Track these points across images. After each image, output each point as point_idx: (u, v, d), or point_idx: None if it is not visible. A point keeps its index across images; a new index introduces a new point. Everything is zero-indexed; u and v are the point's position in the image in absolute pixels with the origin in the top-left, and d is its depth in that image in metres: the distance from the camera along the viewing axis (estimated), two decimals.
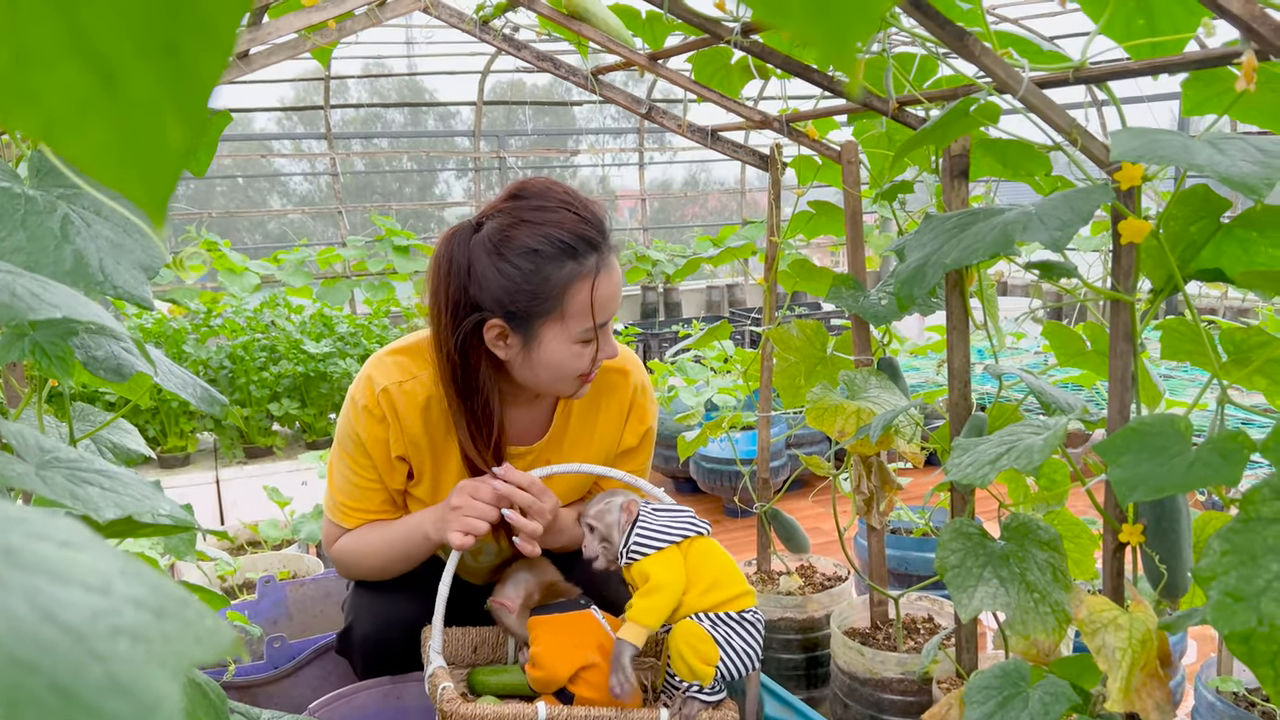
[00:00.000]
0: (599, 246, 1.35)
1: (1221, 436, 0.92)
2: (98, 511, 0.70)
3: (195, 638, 0.29)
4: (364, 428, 1.45)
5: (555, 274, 1.32)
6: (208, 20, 0.21)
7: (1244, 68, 0.84)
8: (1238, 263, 1.10)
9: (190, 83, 0.22)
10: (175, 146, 0.23)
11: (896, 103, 1.34)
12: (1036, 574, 1.21)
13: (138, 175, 0.24)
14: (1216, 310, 5.25)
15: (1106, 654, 1.03)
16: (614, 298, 1.38)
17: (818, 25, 0.21)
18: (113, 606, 0.28)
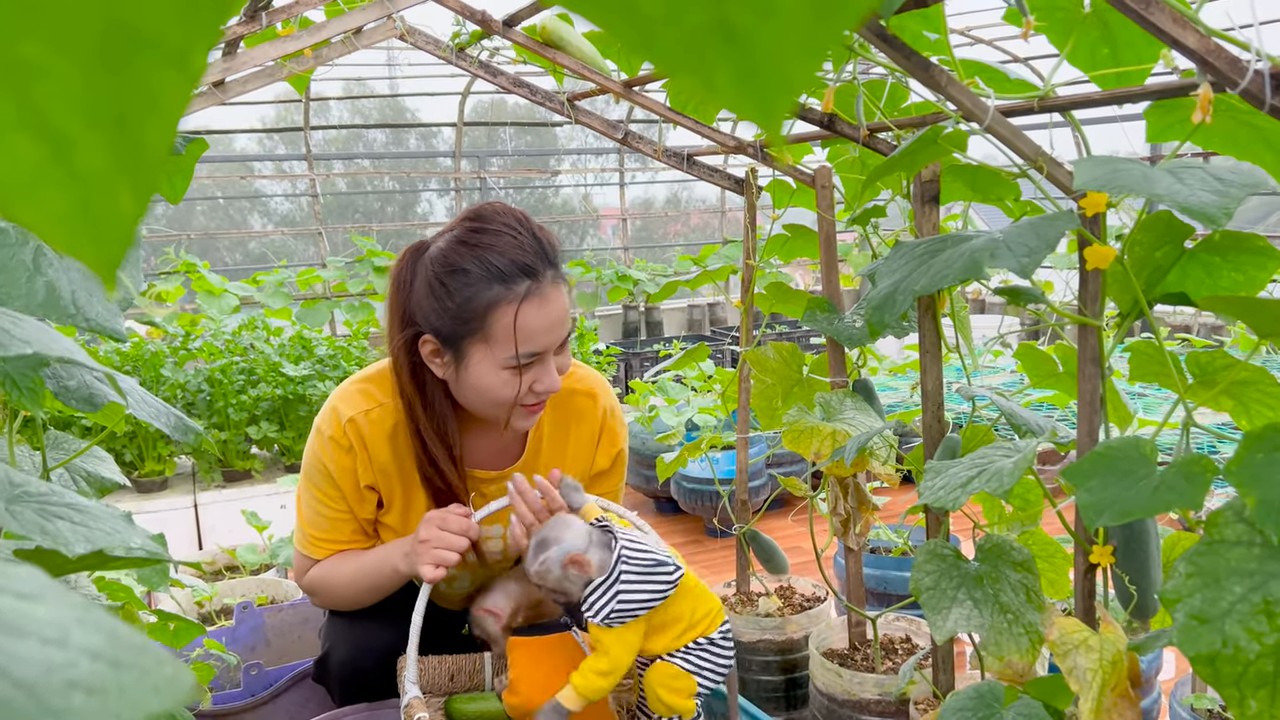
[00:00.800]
0: (535, 274, 1.32)
1: (1185, 460, 0.93)
2: (68, 546, 0.70)
3: (153, 687, 0.29)
4: (331, 459, 1.45)
5: (479, 296, 1.30)
6: (154, 96, 0.22)
7: (1200, 100, 0.86)
8: (1202, 286, 1.12)
9: (140, 153, 0.23)
10: (126, 213, 0.24)
11: (867, 129, 1.36)
12: (1010, 595, 1.22)
13: (90, 241, 0.24)
14: (1191, 327, 5.31)
15: (1078, 675, 1.04)
16: (546, 329, 1.33)
17: (744, 99, 0.22)
18: (68, 659, 0.28)
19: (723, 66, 0.21)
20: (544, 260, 1.33)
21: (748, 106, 0.22)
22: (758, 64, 0.21)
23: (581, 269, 6.64)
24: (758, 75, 0.21)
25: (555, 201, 14.15)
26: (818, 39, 0.21)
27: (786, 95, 0.21)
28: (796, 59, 0.21)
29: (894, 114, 1.40)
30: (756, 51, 0.21)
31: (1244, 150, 1.10)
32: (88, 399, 1.07)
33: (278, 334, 3.80)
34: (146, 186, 0.23)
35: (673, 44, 0.21)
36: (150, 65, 0.22)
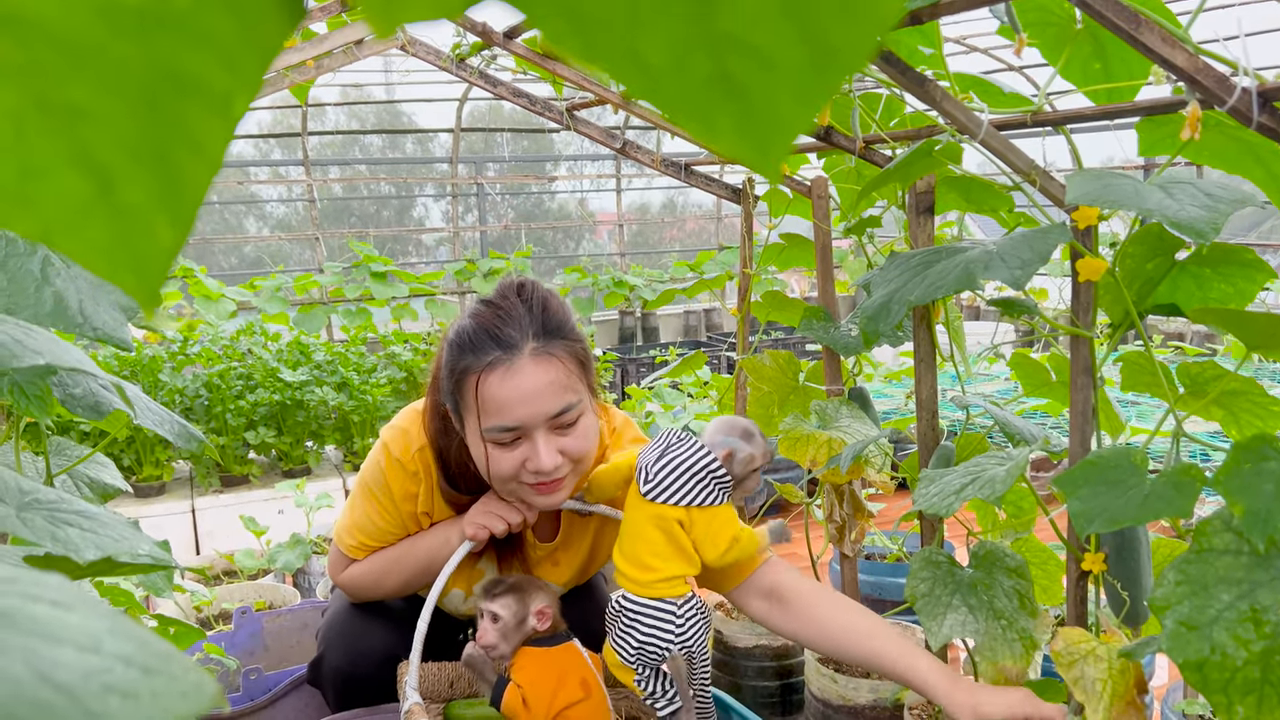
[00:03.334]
0: (508, 345, 1.28)
1: (1175, 470, 0.95)
2: (78, 553, 0.72)
3: (181, 693, 0.31)
4: (396, 481, 1.46)
5: (457, 362, 1.31)
6: (197, 138, 0.23)
7: (1188, 118, 0.88)
8: (1192, 298, 1.14)
9: (180, 189, 0.24)
10: (166, 245, 0.25)
11: (863, 141, 1.38)
12: (1004, 601, 1.24)
13: (131, 272, 0.26)
14: (1185, 335, 5.34)
15: (1085, 685, 1.04)
16: (517, 401, 1.27)
17: (743, 145, 0.23)
18: (104, 665, 0.30)
19: (724, 114, 0.23)
20: (530, 332, 1.29)
21: (746, 152, 0.23)
22: (757, 113, 0.23)
23: (578, 274, 6.66)
24: (756, 123, 0.23)
25: (551, 206, 14.16)
26: (814, 91, 0.23)
27: (783, 142, 0.23)
28: (793, 109, 0.22)
29: (889, 126, 1.42)
30: (756, 102, 0.23)
31: (1233, 165, 1.12)
32: (93, 406, 1.08)
33: (275, 339, 3.82)
34: (185, 220, 0.25)
35: (677, 93, 0.23)
36: (194, 110, 0.23)
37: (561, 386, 1.30)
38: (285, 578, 2.57)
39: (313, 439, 3.58)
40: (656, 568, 1.26)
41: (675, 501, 1.26)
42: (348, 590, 1.57)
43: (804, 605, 1.37)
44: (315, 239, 6.49)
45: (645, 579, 1.26)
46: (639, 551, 1.27)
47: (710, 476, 1.26)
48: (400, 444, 1.46)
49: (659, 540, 1.26)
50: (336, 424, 3.55)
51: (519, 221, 9.57)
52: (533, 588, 1.37)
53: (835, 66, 0.22)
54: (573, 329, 1.35)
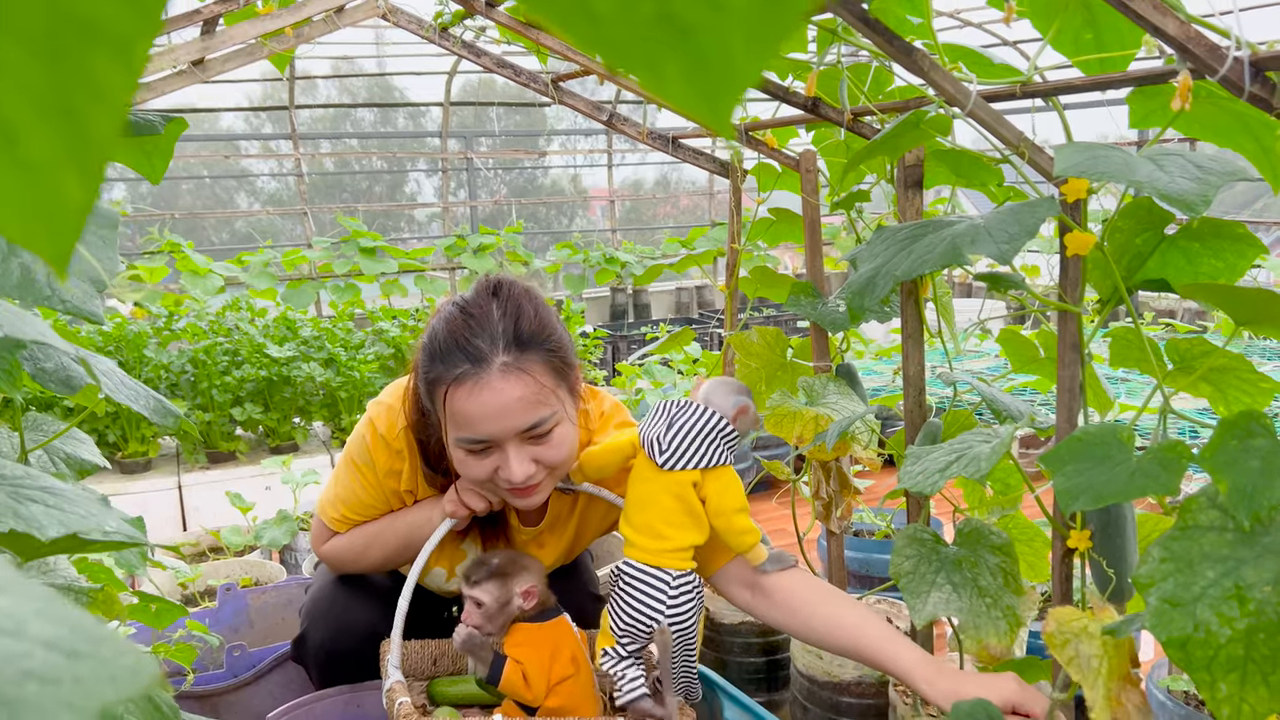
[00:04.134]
0: (478, 358, 1.24)
1: (1161, 446, 0.94)
2: (41, 530, 0.70)
3: (110, 677, 0.29)
4: (380, 456, 1.45)
5: (429, 371, 1.29)
6: (101, 87, 0.22)
7: (1179, 87, 0.86)
8: (1182, 274, 1.13)
9: (87, 143, 0.23)
10: (76, 203, 0.24)
11: (851, 114, 1.36)
12: (988, 579, 1.23)
13: (41, 231, 0.24)
14: (1176, 312, 5.34)
15: (1081, 663, 1.03)
16: (485, 417, 1.25)
17: (692, 96, 0.21)
18: (24, 649, 0.28)
19: (671, 61, 0.21)
20: (501, 344, 1.26)
21: (695, 103, 0.22)
22: (706, 59, 0.21)
23: (569, 251, 6.63)
24: (706, 71, 0.21)
25: (544, 182, 14.09)
26: (767, 34, 0.21)
27: (734, 91, 0.21)
28: (745, 54, 0.21)
29: (878, 98, 1.40)
30: (705, 46, 0.21)
31: (1224, 137, 1.10)
32: (65, 381, 1.06)
33: (262, 315, 3.79)
34: (94, 176, 0.23)
35: (622, 40, 0.21)
36: (97, 57, 0.21)
37: (532, 402, 1.26)
38: (272, 554, 2.56)
39: (300, 415, 3.57)
40: (670, 536, 1.28)
41: (693, 466, 1.28)
42: (329, 562, 1.56)
43: (787, 595, 1.37)
44: (304, 214, 6.45)
45: (657, 547, 1.28)
46: (652, 520, 1.29)
47: (720, 437, 1.30)
48: (385, 421, 1.45)
49: (675, 509, 1.29)
50: (324, 400, 3.53)
51: (511, 197, 9.52)
52: (516, 568, 1.36)
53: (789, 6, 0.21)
54: (549, 335, 1.30)
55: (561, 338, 1.32)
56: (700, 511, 1.30)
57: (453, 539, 1.49)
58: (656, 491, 1.30)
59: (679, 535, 1.29)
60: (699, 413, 1.30)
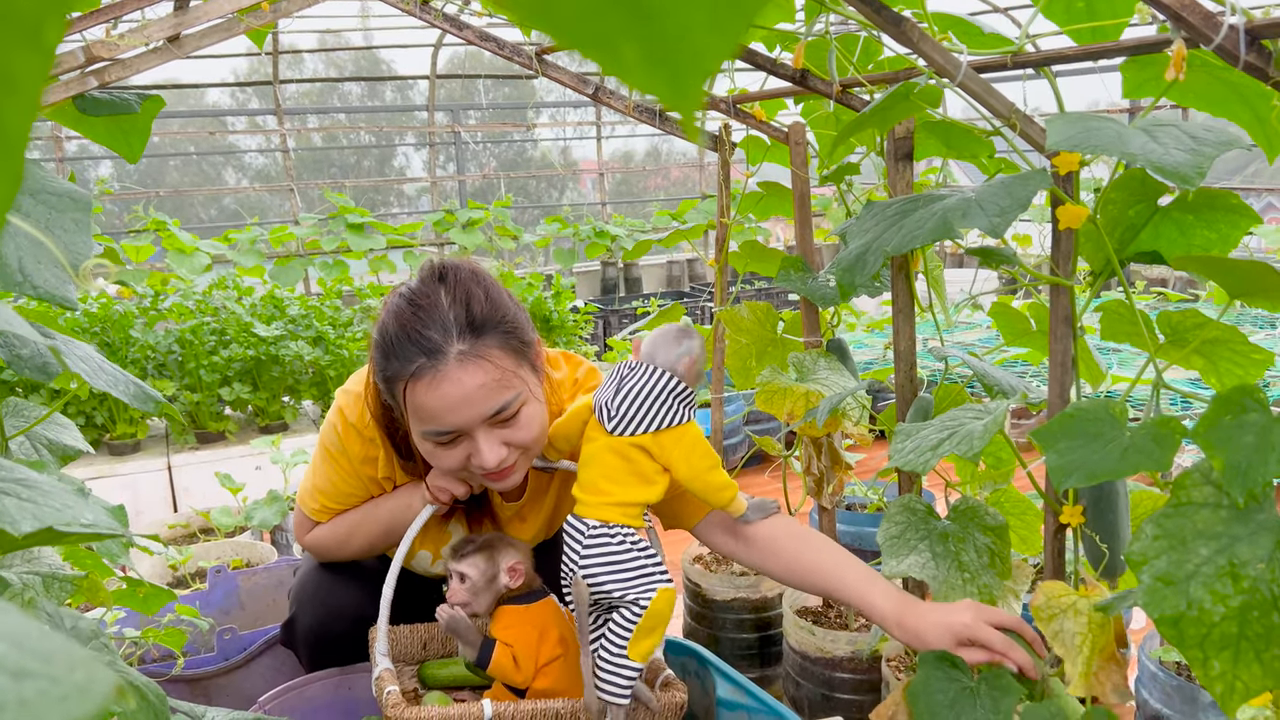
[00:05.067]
0: (434, 352, 1.22)
1: (1154, 422, 0.93)
2: (14, 525, 0.69)
3: (60, 697, 0.28)
4: (353, 445, 1.43)
5: (386, 368, 1.26)
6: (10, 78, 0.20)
7: (1174, 56, 0.84)
8: (1175, 245, 1.11)
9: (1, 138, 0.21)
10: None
11: (840, 85, 1.33)
12: (971, 555, 1.22)
13: None
14: (1168, 281, 5.33)
15: (1065, 639, 1.03)
16: (447, 409, 1.23)
17: (654, 78, 0.20)
18: None
19: (630, 43, 0.19)
20: (455, 333, 1.23)
21: (658, 86, 0.20)
22: (667, 42, 0.19)
23: (559, 225, 6.59)
24: (668, 54, 0.19)
25: (534, 155, 13.99)
26: (734, 12, 0.19)
27: (698, 75, 0.19)
28: (709, 36, 0.19)
29: (868, 69, 1.37)
30: (667, 26, 0.19)
31: (1219, 107, 1.08)
32: (41, 367, 1.04)
33: (249, 293, 3.75)
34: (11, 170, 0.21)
35: (574, 19, 0.19)
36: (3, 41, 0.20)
37: (494, 386, 1.24)
38: (262, 535, 2.55)
39: (289, 394, 3.54)
40: (608, 491, 1.24)
41: (645, 429, 1.24)
42: (313, 552, 1.55)
43: (769, 541, 1.37)
44: (291, 190, 6.39)
45: (596, 500, 1.24)
46: (593, 477, 1.25)
47: (671, 396, 1.25)
48: (355, 409, 1.43)
49: (615, 465, 1.25)
50: (313, 379, 3.51)
51: (500, 171, 9.45)
52: (502, 545, 1.35)
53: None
54: (503, 317, 1.27)
55: (516, 316, 1.30)
56: (649, 472, 1.25)
57: (437, 522, 1.48)
58: (600, 449, 1.26)
59: (619, 491, 1.24)
60: (647, 374, 1.25)
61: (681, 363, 1.27)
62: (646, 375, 1.25)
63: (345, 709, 1.52)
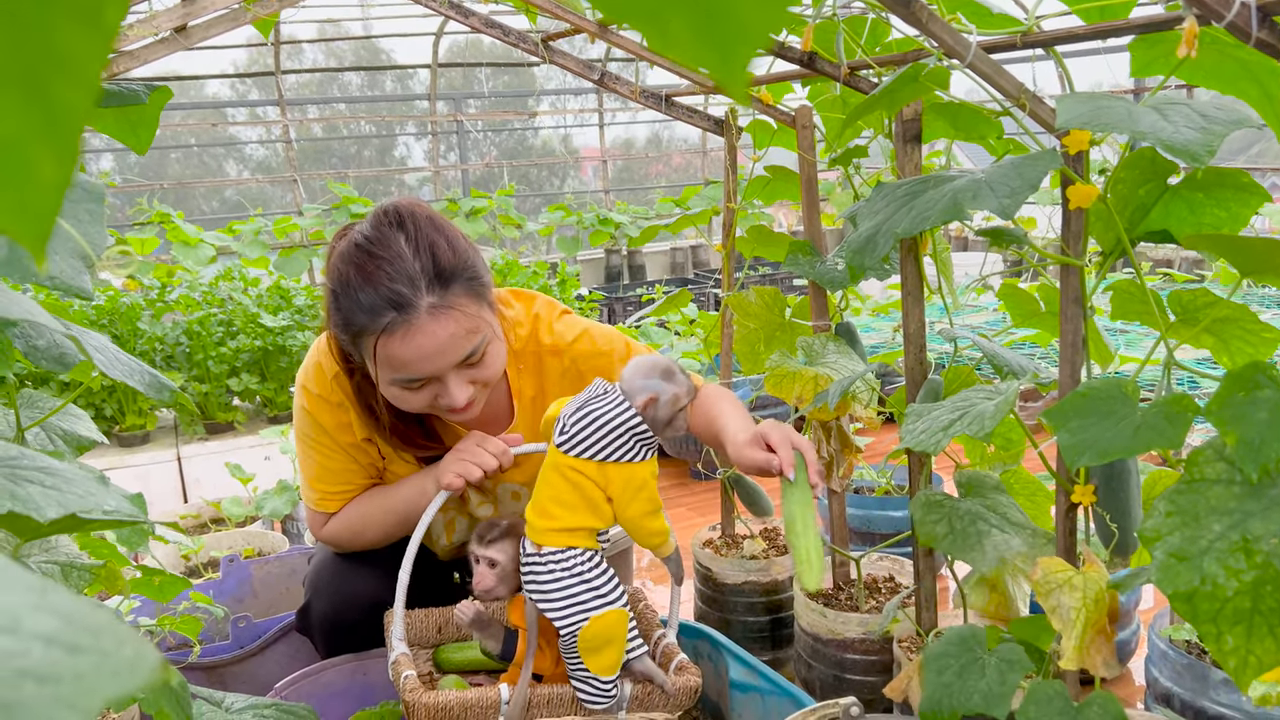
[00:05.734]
0: (405, 305, 1.23)
1: (1167, 400, 0.93)
2: (39, 511, 0.69)
3: (112, 671, 0.29)
4: (324, 417, 1.44)
5: (352, 320, 1.26)
6: (67, 56, 0.20)
7: (1185, 34, 0.84)
8: (1185, 224, 1.11)
9: (58, 118, 0.21)
10: (50, 182, 0.22)
11: (848, 68, 1.33)
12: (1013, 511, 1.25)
13: (13, 213, 0.23)
14: (1173, 261, 5.32)
15: (1061, 614, 1.05)
16: (419, 359, 1.25)
17: (703, 51, 0.20)
18: (20, 647, 0.27)
19: (678, 16, 0.20)
20: (426, 286, 1.24)
21: (707, 59, 0.20)
22: (717, 13, 0.19)
23: (563, 213, 6.58)
24: (717, 26, 0.20)
25: (535, 143, 13.96)
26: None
27: (749, 46, 0.20)
28: (759, 7, 0.19)
29: (875, 52, 1.37)
30: (715, 1, 0.20)
31: (1229, 85, 1.08)
32: (58, 358, 1.05)
33: (255, 284, 3.76)
34: (68, 153, 0.22)
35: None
36: (63, 23, 0.20)
37: (464, 334, 1.27)
38: (273, 524, 2.56)
39: None
40: (556, 515, 1.22)
41: (590, 456, 1.21)
42: (331, 544, 1.56)
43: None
44: (293, 181, 6.39)
45: (542, 525, 1.22)
46: (542, 498, 1.24)
47: (630, 433, 1.21)
48: (315, 379, 1.44)
49: (565, 489, 1.22)
50: None
51: (502, 159, 9.44)
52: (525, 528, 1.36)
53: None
54: (466, 261, 1.28)
55: (476, 261, 1.31)
56: (598, 501, 1.22)
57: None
58: (549, 468, 1.24)
59: (567, 516, 1.21)
60: (612, 402, 1.22)
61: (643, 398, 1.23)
62: (613, 404, 1.22)
63: (361, 694, 1.53)
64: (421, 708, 1.18)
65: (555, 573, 1.21)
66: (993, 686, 1.02)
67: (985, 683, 1.03)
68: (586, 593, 1.21)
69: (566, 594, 1.20)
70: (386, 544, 1.53)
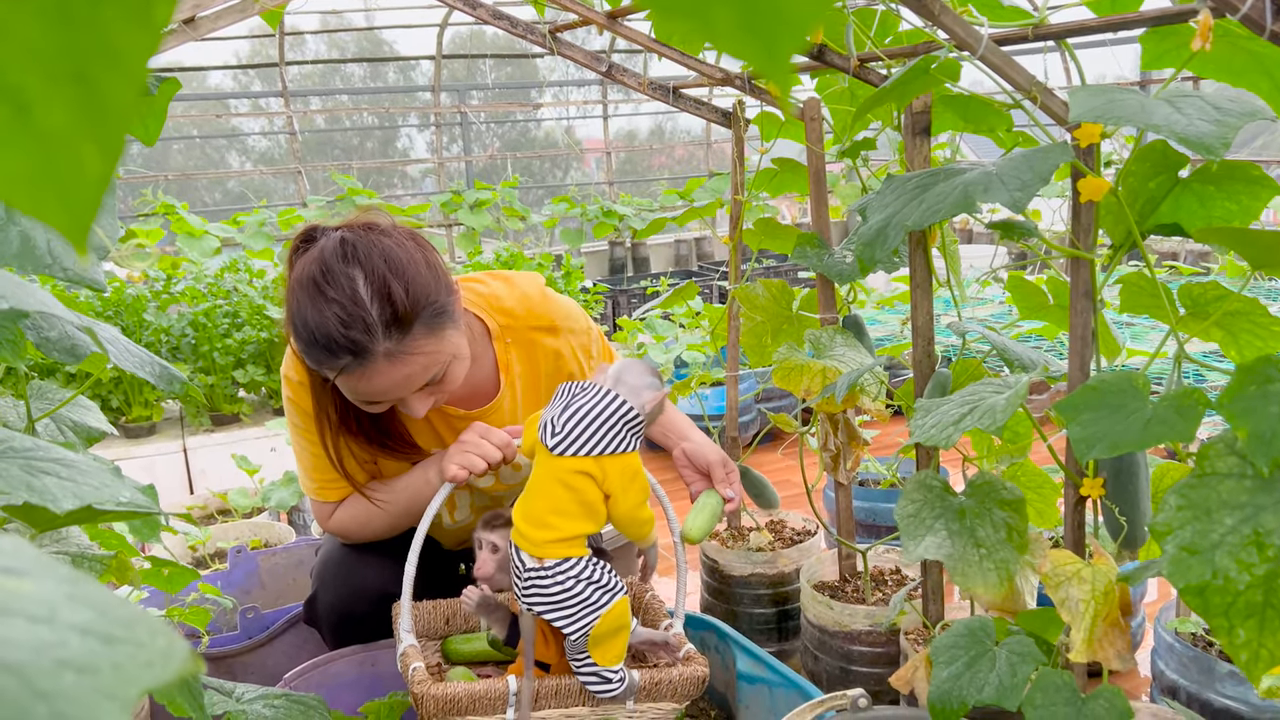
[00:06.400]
0: (360, 351, 1.23)
1: (1177, 394, 0.93)
2: (55, 502, 0.70)
3: (147, 662, 0.29)
4: (306, 401, 1.45)
5: (309, 352, 1.27)
6: (116, 49, 0.20)
7: (1199, 26, 0.84)
8: (1196, 217, 1.11)
9: (104, 110, 0.21)
10: (94, 173, 0.22)
11: (857, 60, 1.33)
12: (988, 531, 1.22)
13: (57, 204, 0.23)
14: (1178, 255, 5.31)
15: (1070, 606, 1.05)
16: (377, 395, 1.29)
17: (747, 42, 0.20)
18: (58, 638, 0.27)
19: (722, 7, 0.20)
20: (383, 333, 1.23)
21: (751, 51, 0.20)
22: (762, 4, 0.20)
23: (566, 205, 6.57)
24: (762, 17, 0.20)
25: (538, 135, 13.95)
26: None
27: (794, 37, 0.20)
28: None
29: (885, 44, 1.37)
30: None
31: (1240, 78, 1.08)
32: (70, 350, 1.05)
33: (260, 275, 3.76)
34: (113, 145, 0.22)
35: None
36: (112, 18, 0.20)
37: (422, 370, 1.29)
38: (280, 515, 2.57)
39: None
40: (556, 526, 1.20)
41: (587, 452, 1.20)
42: (337, 535, 1.57)
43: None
44: (298, 172, 6.38)
45: (540, 538, 1.20)
46: (538, 509, 1.21)
47: (621, 422, 1.22)
48: (294, 366, 1.46)
49: (564, 498, 1.21)
50: None
51: (505, 151, 9.43)
52: None
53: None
54: (425, 302, 1.26)
55: (435, 293, 1.29)
56: (596, 502, 1.22)
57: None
58: (546, 478, 1.22)
59: (565, 525, 1.20)
60: (599, 395, 1.22)
61: (646, 395, 1.25)
62: (598, 396, 1.22)
63: (369, 686, 1.53)
64: (430, 699, 1.18)
65: (565, 582, 1.20)
66: (1004, 678, 1.03)
67: (996, 675, 1.04)
68: (595, 591, 1.21)
69: (577, 600, 1.20)
70: (394, 534, 1.53)
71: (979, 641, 1.08)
